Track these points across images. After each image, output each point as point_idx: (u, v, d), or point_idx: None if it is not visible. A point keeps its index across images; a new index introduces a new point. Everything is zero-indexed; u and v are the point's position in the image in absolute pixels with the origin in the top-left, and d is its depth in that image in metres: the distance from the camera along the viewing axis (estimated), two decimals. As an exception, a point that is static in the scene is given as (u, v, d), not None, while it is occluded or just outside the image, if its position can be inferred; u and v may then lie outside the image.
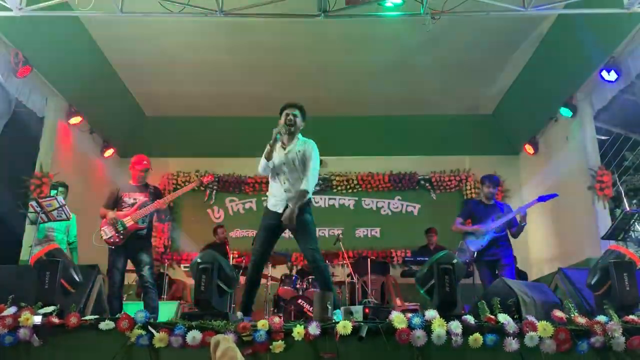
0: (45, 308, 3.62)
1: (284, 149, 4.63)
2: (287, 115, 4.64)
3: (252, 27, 6.87)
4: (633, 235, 6.32)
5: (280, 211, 4.51)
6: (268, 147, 4.51)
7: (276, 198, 4.62)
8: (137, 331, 3.41)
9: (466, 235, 5.96)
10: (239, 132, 9.42)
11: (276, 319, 3.43)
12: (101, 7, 5.57)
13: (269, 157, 4.55)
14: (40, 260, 3.88)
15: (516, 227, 5.81)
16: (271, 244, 4.64)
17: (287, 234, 9.42)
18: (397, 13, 5.70)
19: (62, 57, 6.97)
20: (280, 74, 8.15)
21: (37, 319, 3.51)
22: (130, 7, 5.65)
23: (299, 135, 4.73)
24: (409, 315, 3.40)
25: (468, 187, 9.85)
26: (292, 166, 4.58)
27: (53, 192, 6.29)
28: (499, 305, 3.54)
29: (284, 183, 4.60)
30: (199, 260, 3.91)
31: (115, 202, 5.42)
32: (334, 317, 3.56)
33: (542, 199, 5.88)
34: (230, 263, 6.81)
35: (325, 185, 9.92)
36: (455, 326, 3.33)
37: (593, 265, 4.13)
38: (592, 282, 3.94)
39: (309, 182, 4.50)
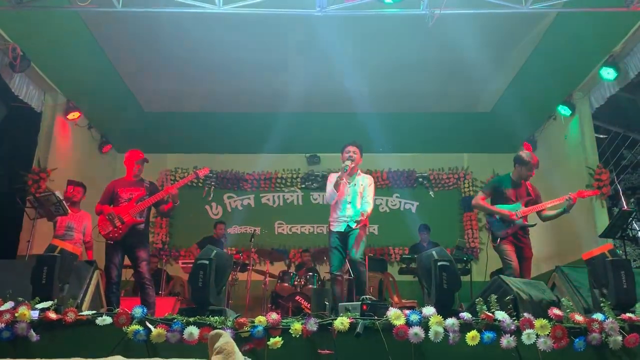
0: (42, 303, 3.62)
1: (349, 182, 5.53)
2: (348, 152, 5.59)
3: (250, 23, 6.84)
4: (630, 233, 6.34)
5: (342, 230, 5.36)
6: (337, 179, 5.39)
7: (338, 221, 5.45)
8: (134, 327, 3.41)
9: (490, 216, 5.49)
10: (237, 129, 9.42)
11: (274, 315, 3.43)
12: (100, 1, 5.54)
13: (337, 188, 5.44)
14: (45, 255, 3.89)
15: (545, 213, 5.43)
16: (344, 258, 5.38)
17: (284, 229, 9.36)
18: (396, 10, 5.68)
19: (60, 52, 6.94)
20: (279, 70, 8.13)
21: (35, 314, 3.51)
22: (128, 2, 5.63)
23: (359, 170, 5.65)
24: (407, 312, 3.41)
25: (466, 185, 9.86)
26: (356, 195, 5.44)
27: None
28: (496, 303, 3.55)
29: (347, 209, 5.42)
30: (211, 256, 3.91)
31: (112, 198, 5.41)
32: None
33: (582, 194, 5.39)
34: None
35: (324, 182, 9.92)
36: (453, 323, 3.34)
37: (590, 276, 4.12)
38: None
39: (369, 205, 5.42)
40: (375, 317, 3.46)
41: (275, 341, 3.32)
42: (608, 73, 6.52)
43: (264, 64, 7.96)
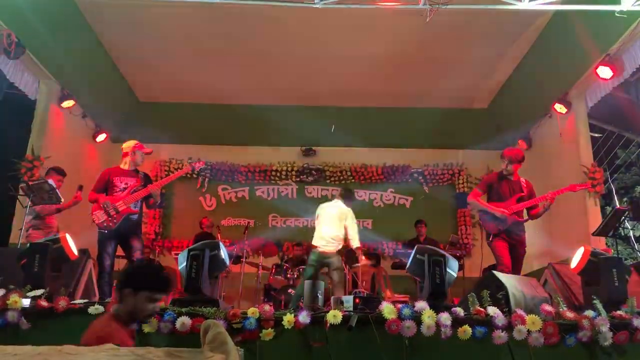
0: (34, 291, 3.60)
1: None
2: None
3: (248, 15, 6.81)
4: (622, 232, 6.38)
5: None
6: None
7: None
8: (127, 316, 3.39)
9: (482, 212, 5.50)
10: (232, 120, 9.39)
11: (266, 307, 3.43)
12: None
13: None
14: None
15: (537, 210, 5.43)
16: None
17: (278, 222, 9.42)
18: (395, 4, 5.66)
19: (55, 39, 6.89)
20: (275, 63, 8.11)
21: (26, 302, 3.50)
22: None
23: None
24: (399, 305, 3.41)
25: (460, 181, 9.87)
26: None
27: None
28: (488, 298, 3.56)
29: None
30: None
31: (106, 187, 5.38)
32: None
33: (573, 187, 5.48)
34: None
35: (318, 175, 9.91)
36: (445, 318, 3.35)
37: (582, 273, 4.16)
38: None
39: None
40: (368, 311, 3.47)
41: (268, 333, 3.33)
42: (604, 72, 6.52)
43: (262, 56, 7.94)
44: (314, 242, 6.65)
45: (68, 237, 4.08)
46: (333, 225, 6.58)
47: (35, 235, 5.89)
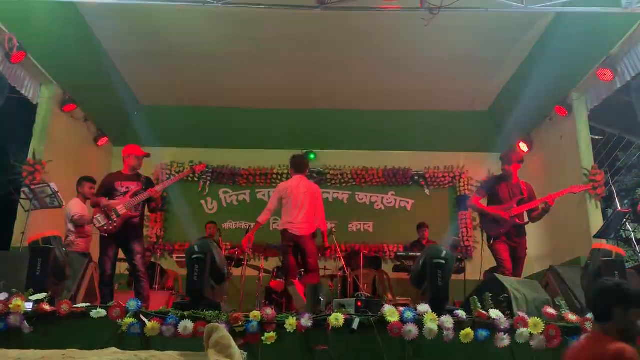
0: (36, 295, 3.61)
1: None
2: None
3: (250, 18, 6.83)
4: (624, 234, 6.39)
5: None
6: None
7: None
8: (129, 319, 3.41)
9: (483, 215, 5.56)
10: (234, 124, 9.39)
11: (268, 310, 3.43)
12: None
13: None
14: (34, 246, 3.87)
15: (537, 212, 5.49)
16: None
17: (279, 225, 9.39)
18: (396, 7, 5.67)
19: (57, 43, 6.90)
20: (277, 66, 8.11)
21: (28, 306, 3.50)
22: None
23: None
24: (401, 308, 3.42)
25: (462, 184, 9.85)
26: None
27: None
28: (490, 301, 3.57)
29: None
30: (195, 249, 3.91)
31: (108, 191, 5.39)
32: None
33: (573, 189, 5.58)
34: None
35: (319, 178, 9.91)
36: (447, 321, 3.35)
37: (584, 267, 4.16)
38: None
39: None
40: (370, 314, 3.47)
41: (270, 336, 3.33)
42: (605, 74, 6.53)
43: (261, 59, 7.95)
44: (283, 226, 6.07)
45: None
46: (305, 205, 6.02)
47: (80, 242, 5.99)
